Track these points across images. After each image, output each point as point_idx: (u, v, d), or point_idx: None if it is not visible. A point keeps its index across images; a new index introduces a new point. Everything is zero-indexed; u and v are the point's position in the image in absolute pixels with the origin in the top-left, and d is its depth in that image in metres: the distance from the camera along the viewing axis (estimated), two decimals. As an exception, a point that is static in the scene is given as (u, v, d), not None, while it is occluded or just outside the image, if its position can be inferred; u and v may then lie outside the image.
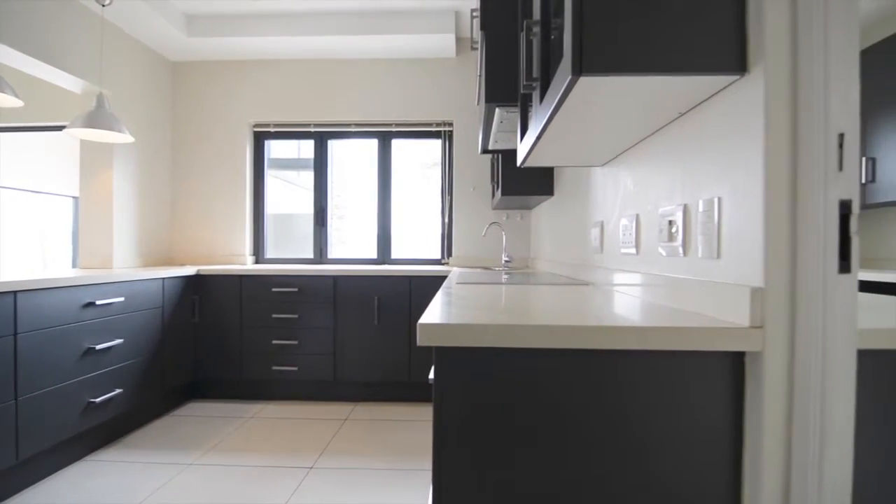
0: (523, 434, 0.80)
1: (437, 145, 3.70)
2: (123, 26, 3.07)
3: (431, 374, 0.82)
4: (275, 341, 2.99)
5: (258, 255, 3.72)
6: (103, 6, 2.75)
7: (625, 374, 0.79)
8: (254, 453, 2.25)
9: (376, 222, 3.69)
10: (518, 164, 1.58)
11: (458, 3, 3.12)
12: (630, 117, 1.08)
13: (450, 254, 3.63)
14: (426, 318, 0.85)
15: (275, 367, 2.99)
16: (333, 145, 3.75)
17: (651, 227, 1.23)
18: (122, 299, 2.40)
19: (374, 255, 3.69)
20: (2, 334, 1.79)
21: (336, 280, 2.99)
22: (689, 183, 1.01)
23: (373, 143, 3.71)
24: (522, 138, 1.47)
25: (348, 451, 2.28)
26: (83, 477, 2.02)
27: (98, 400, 2.21)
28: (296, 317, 2.99)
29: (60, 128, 3.20)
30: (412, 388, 2.99)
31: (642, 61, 0.79)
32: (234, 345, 3.01)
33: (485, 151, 2.65)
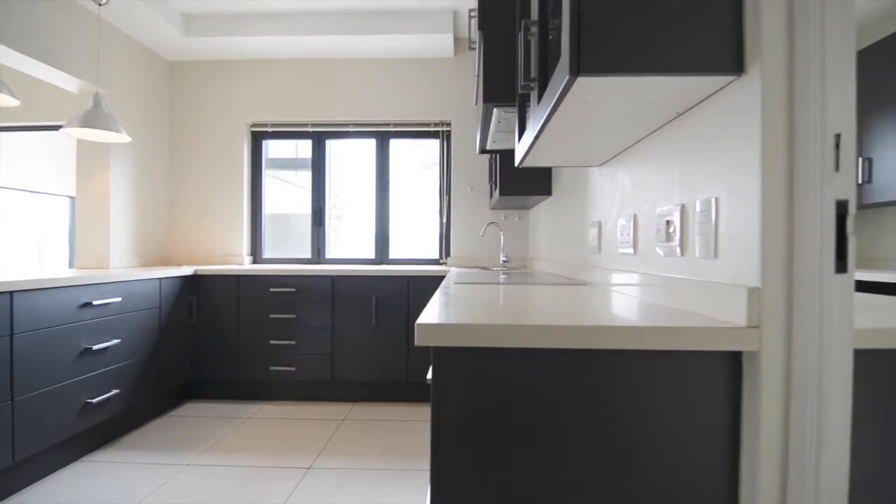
0: (521, 434, 0.80)
1: (435, 145, 3.69)
2: (120, 26, 3.06)
3: (429, 374, 0.82)
4: (272, 341, 2.98)
5: (256, 256, 3.71)
6: (100, 5, 2.75)
7: (622, 373, 0.80)
8: (251, 454, 2.25)
9: (374, 222, 3.69)
10: (516, 164, 1.58)
11: (456, 3, 3.13)
12: (628, 117, 1.08)
13: (448, 254, 3.63)
14: (424, 318, 0.85)
15: (272, 368, 2.98)
16: (331, 145, 3.75)
17: (649, 227, 1.23)
18: (118, 299, 2.39)
19: (372, 255, 3.69)
20: (-2, 335, 1.78)
21: (334, 280, 2.99)
22: (687, 183, 1.01)
23: (371, 143, 3.70)
24: (520, 138, 1.47)
25: (346, 452, 2.28)
26: (80, 478, 2.02)
27: (95, 400, 2.20)
28: (293, 317, 2.99)
29: (57, 127, 3.19)
30: (410, 389, 2.99)
31: (640, 61, 0.80)
32: (232, 345, 3.01)
33: (483, 151, 2.65)
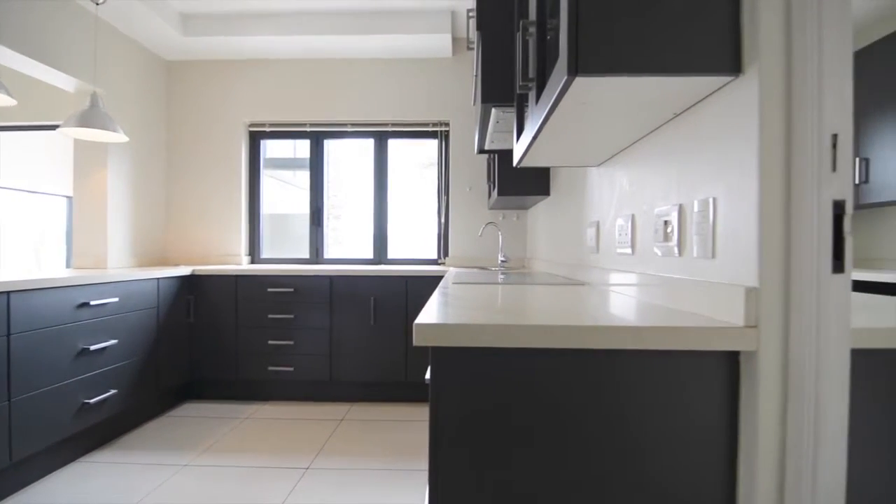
0: (520, 434, 0.80)
1: (433, 145, 3.69)
2: (118, 25, 3.06)
3: (428, 375, 0.82)
4: (271, 342, 2.98)
5: (254, 256, 3.70)
6: (97, 4, 2.74)
7: (621, 373, 0.80)
8: (250, 454, 2.24)
9: (372, 222, 3.68)
10: (514, 164, 1.59)
11: (454, 3, 3.13)
12: (626, 118, 1.08)
13: (446, 254, 3.63)
14: (423, 318, 0.85)
15: (271, 368, 2.98)
16: (329, 145, 3.74)
17: (647, 227, 1.23)
18: (116, 299, 2.38)
19: (370, 255, 3.69)
20: (-5, 335, 1.78)
21: (332, 280, 2.99)
22: (685, 183, 1.02)
23: (369, 143, 3.70)
24: (518, 138, 1.48)
25: (345, 452, 2.28)
26: (78, 478, 2.01)
27: (92, 401, 2.19)
28: (292, 317, 2.98)
29: (54, 127, 3.18)
30: (409, 389, 2.99)
31: (638, 62, 0.80)
32: (230, 345, 3.00)
33: (481, 151, 2.65)
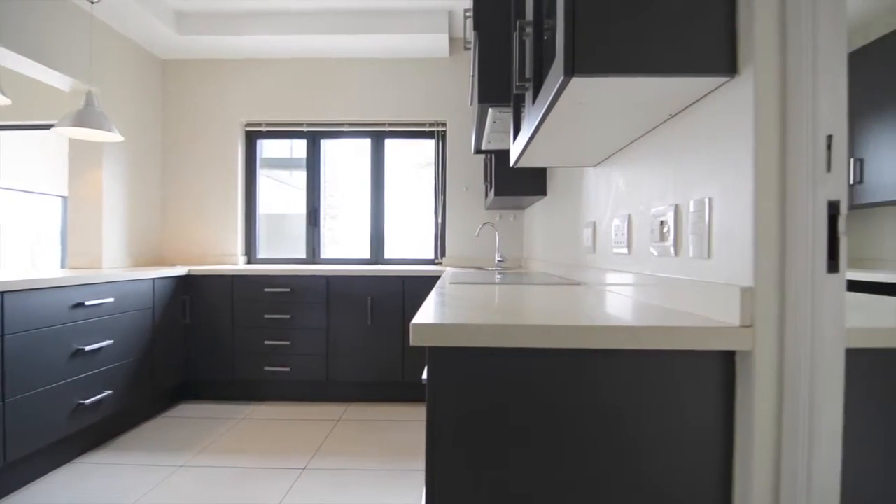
0: (517, 434, 0.80)
1: (430, 145, 3.69)
2: (113, 24, 3.04)
3: (425, 375, 0.82)
4: (267, 342, 2.97)
5: (250, 256, 3.69)
6: (92, 3, 2.73)
7: (617, 373, 0.80)
8: (246, 454, 2.24)
9: (369, 222, 3.68)
10: (511, 164, 1.59)
11: (451, 3, 3.13)
12: (622, 118, 1.09)
13: (443, 254, 3.63)
14: (419, 318, 0.85)
15: (267, 368, 2.97)
16: (326, 145, 3.74)
17: (643, 227, 1.24)
18: (111, 300, 2.37)
19: (367, 255, 3.68)
20: (-11, 336, 1.76)
21: (329, 280, 2.98)
22: (681, 183, 1.02)
23: (366, 143, 3.70)
24: (515, 139, 1.48)
25: (341, 452, 2.28)
26: (73, 479, 2.00)
27: (88, 401, 2.18)
28: (288, 317, 2.98)
29: (48, 126, 3.16)
30: (406, 389, 2.99)
31: (634, 62, 0.80)
32: (226, 345, 2.99)
33: (478, 151, 2.65)
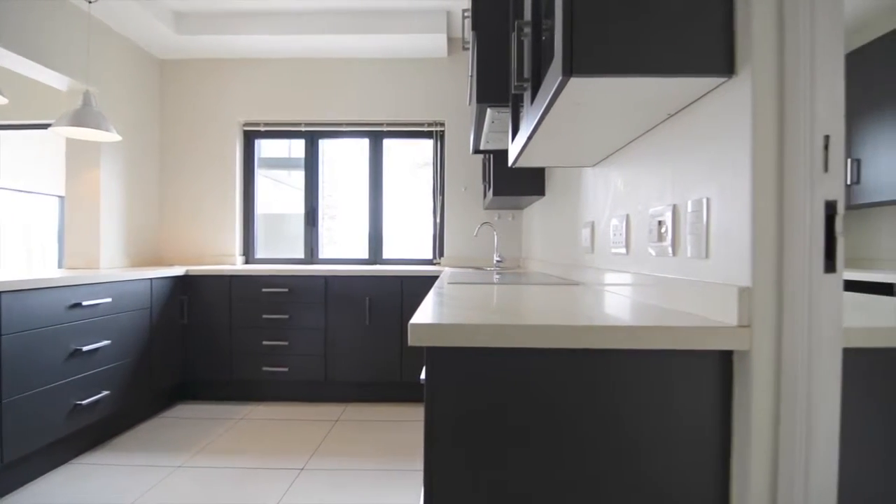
0: (515, 434, 0.81)
1: (428, 145, 3.69)
2: (111, 23, 3.03)
3: (423, 375, 0.82)
4: (265, 342, 2.97)
5: (248, 256, 3.69)
6: (90, 2, 2.72)
7: (615, 373, 0.80)
8: (244, 455, 2.23)
9: (368, 222, 3.68)
10: (509, 164, 1.59)
11: (449, 4, 3.13)
12: (620, 118, 1.09)
13: (441, 254, 3.63)
14: (418, 318, 0.85)
15: (265, 368, 2.97)
16: (324, 145, 3.73)
17: (641, 227, 1.24)
18: (109, 300, 2.37)
19: (365, 255, 3.68)
20: (-15, 336, 1.76)
21: (327, 280, 2.98)
22: (679, 183, 1.02)
23: (364, 143, 3.69)
24: (514, 139, 1.48)
25: (340, 452, 2.27)
26: (71, 480, 1.99)
27: (85, 402, 2.18)
28: (286, 317, 2.97)
29: (46, 126, 3.15)
30: (404, 389, 2.98)
31: (632, 63, 0.80)
32: (224, 346, 2.99)
33: (476, 151, 2.65)
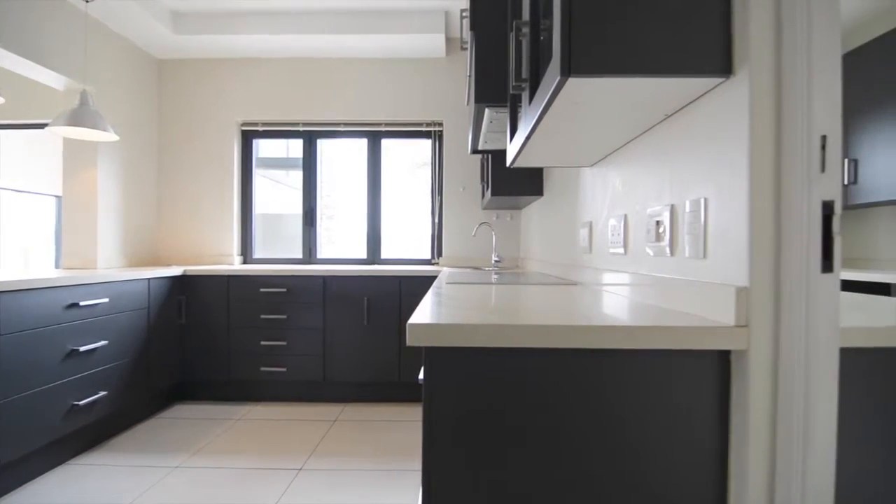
0: (513, 434, 0.81)
1: (426, 145, 3.69)
2: (108, 23, 3.02)
3: (421, 375, 0.82)
4: (263, 342, 2.96)
5: (246, 256, 3.68)
6: (87, 2, 2.71)
7: (614, 373, 0.80)
8: (242, 455, 2.23)
9: (366, 222, 3.67)
10: (507, 164, 1.59)
11: (447, 4, 3.12)
12: (618, 118, 1.09)
13: (440, 254, 3.63)
14: (416, 318, 0.85)
15: (263, 368, 2.96)
16: (322, 144, 3.73)
17: (639, 227, 1.24)
18: (106, 300, 2.36)
19: (363, 255, 3.68)
20: (-18, 336, 1.75)
21: (325, 280, 2.98)
22: (677, 183, 1.02)
23: (362, 143, 3.69)
24: (512, 139, 1.48)
25: (338, 453, 2.27)
26: (68, 480, 1.99)
27: (82, 402, 2.17)
28: (284, 317, 2.97)
29: (43, 125, 3.14)
30: (402, 389, 2.98)
31: (630, 63, 0.80)
32: (222, 346, 2.98)
33: (474, 152, 2.65)
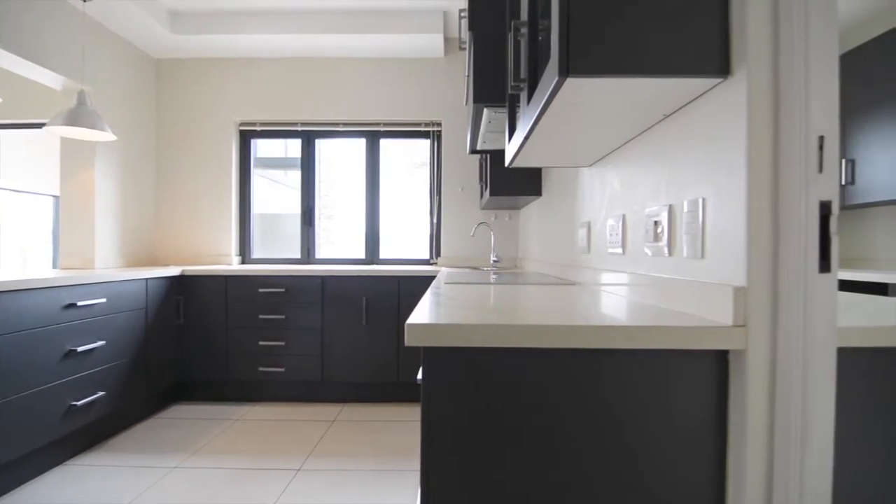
0: (512, 434, 0.81)
1: (425, 145, 3.69)
2: (106, 22, 3.02)
3: (420, 375, 0.82)
4: (261, 342, 2.96)
5: (244, 256, 3.68)
6: (84, 1, 2.70)
7: (612, 372, 0.80)
8: (240, 455, 2.23)
9: (364, 222, 3.67)
10: (506, 164, 1.59)
11: (446, 4, 3.13)
12: (617, 118, 1.09)
13: (438, 254, 3.63)
14: (414, 318, 0.85)
15: (261, 369, 2.96)
16: (321, 144, 3.73)
17: (637, 227, 1.24)
18: (104, 300, 2.35)
19: (362, 255, 3.67)
20: (-21, 337, 1.75)
21: (324, 280, 2.98)
22: (675, 183, 1.02)
23: (361, 143, 3.69)
24: (510, 139, 1.48)
25: (336, 453, 2.27)
26: (66, 481, 1.98)
27: (80, 403, 2.16)
28: (283, 317, 2.96)
29: (40, 125, 3.13)
30: (400, 389, 2.98)
31: (628, 63, 0.80)
32: (220, 346, 2.98)
33: (473, 152, 2.65)
